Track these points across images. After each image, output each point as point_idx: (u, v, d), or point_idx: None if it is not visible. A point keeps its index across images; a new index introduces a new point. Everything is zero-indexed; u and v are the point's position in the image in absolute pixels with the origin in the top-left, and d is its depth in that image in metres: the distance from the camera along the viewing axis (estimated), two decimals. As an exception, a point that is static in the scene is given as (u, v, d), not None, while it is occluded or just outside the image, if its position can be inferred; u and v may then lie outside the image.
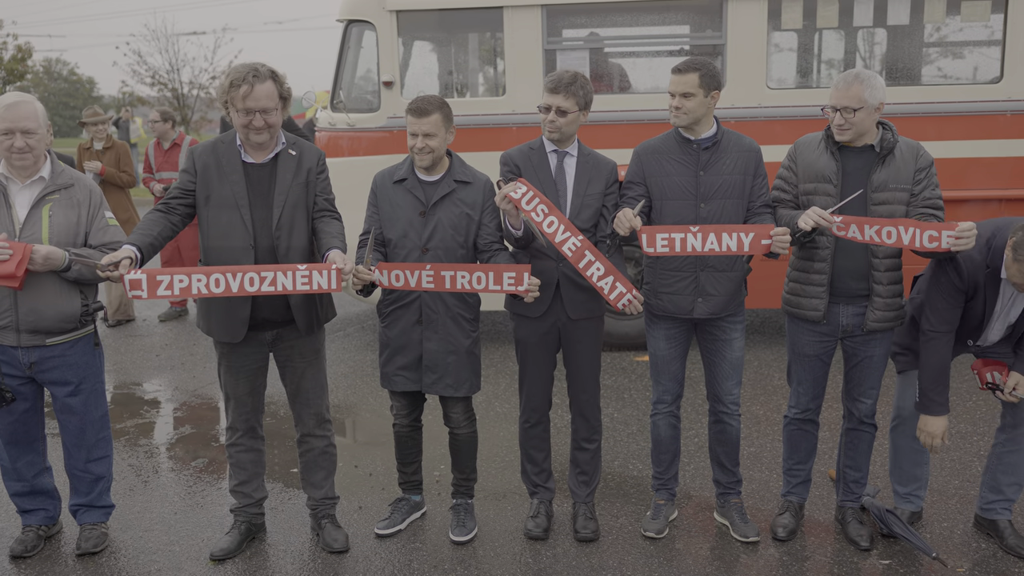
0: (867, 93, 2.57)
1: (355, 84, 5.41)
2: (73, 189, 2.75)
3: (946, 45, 5.48)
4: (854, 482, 2.95)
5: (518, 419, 3.06)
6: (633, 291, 2.68)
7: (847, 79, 2.61)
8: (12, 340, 2.70)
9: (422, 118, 2.70)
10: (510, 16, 4.97)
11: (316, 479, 2.98)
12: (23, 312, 2.67)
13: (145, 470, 3.66)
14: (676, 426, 3.01)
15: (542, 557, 2.85)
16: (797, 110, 4.86)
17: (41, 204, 2.70)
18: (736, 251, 2.64)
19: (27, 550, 2.86)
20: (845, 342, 2.83)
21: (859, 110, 2.58)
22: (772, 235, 2.60)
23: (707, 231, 2.62)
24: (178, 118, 6.06)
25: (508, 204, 2.64)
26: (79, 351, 2.81)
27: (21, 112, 2.62)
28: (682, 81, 2.68)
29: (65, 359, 2.78)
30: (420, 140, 2.71)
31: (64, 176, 2.77)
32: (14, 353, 2.73)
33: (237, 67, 2.62)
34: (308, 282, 2.53)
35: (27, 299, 2.66)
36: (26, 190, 2.71)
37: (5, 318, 2.68)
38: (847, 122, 2.60)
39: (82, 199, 2.76)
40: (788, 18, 4.95)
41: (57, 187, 2.73)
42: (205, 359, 5.32)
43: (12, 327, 2.69)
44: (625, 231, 2.60)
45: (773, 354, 5.16)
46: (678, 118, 2.73)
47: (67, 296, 2.72)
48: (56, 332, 2.73)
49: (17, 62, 24.52)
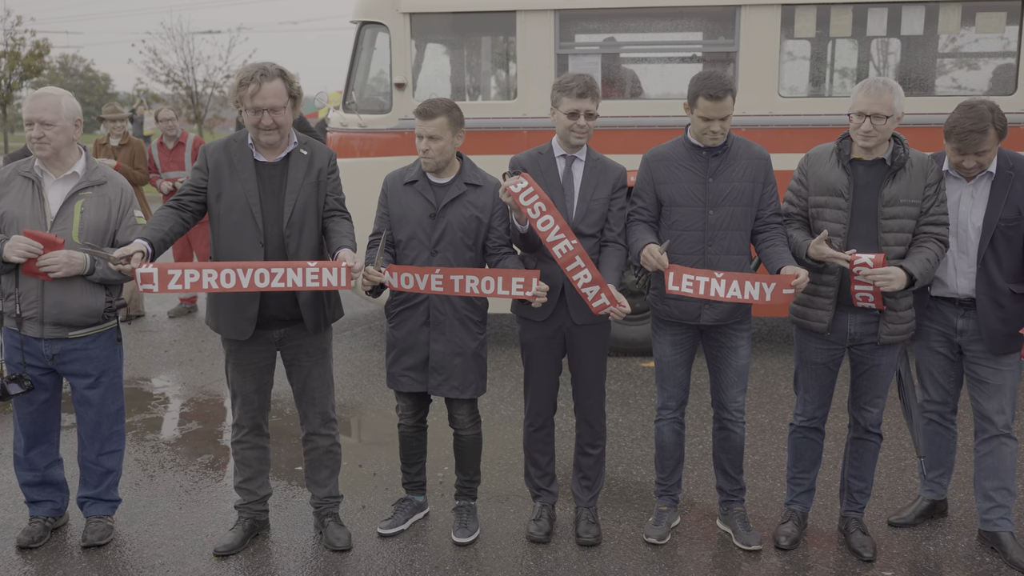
0: (896, 102, 2.58)
1: (367, 85, 5.45)
2: (106, 187, 2.80)
3: (960, 56, 5.45)
4: (858, 492, 2.94)
5: (523, 422, 3.06)
6: (617, 305, 2.68)
7: (878, 86, 2.58)
8: (36, 331, 2.75)
9: (428, 120, 2.71)
10: (523, 20, 4.99)
11: (320, 477, 3.00)
12: (48, 304, 2.72)
13: (151, 465, 3.68)
14: (680, 432, 3.01)
15: (544, 560, 2.85)
16: (809, 119, 4.84)
17: (74, 199, 2.74)
18: (758, 300, 2.64)
19: (33, 541, 2.89)
20: (853, 350, 2.82)
21: (888, 118, 2.58)
22: (794, 284, 2.59)
23: (731, 278, 2.64)
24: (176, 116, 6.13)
25: (508, 197, 2.65)
26: (100, 345, 2.85)
27: (41, 103, 2.69)
28: (723, 107, 2.65)
29: (87, 352, 2.82)
30: (424, 142, 2.73)
31: (98, 173, 2.81)
32: (37, 344, 2.77)
33: (246, 67, 2.65)
34: (318, 279, 2.55)
35: (53, 292, 2.71)
36: (59, 184, 2.76)
37: (31, 310, 2.73)
38: (875, 129, 2.58)
39: (113, 197, 2.80)
40: (801, 26, 4.94)
41: (91, 183, 2.78)
42: (213, 356, 5.36)
43: (37, 319, 2.73)
44: (652, 268, 2.64)
45: (780, 362, 5.14)
46: (715, 139, 2.72)
47: (92, 291, 2.77)
48: (79, 325, 2.78)
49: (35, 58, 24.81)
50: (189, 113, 24.50)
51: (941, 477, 3.05)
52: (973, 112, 2.60)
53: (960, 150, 2.63)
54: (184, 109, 24.24)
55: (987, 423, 2.83)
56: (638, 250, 2.71)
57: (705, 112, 2.67)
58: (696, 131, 2.74)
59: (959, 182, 2.75)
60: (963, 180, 2.74)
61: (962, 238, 2.73)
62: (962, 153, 2.63)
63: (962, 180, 2.75)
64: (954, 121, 2.65)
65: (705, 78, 2.69)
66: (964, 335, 2.79)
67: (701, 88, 2.66)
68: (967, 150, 2.61)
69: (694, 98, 2.69)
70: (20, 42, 24.54)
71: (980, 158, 2.64)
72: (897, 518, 3.05)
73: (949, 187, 2.75)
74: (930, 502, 3.07)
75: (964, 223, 2.73)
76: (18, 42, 24.52)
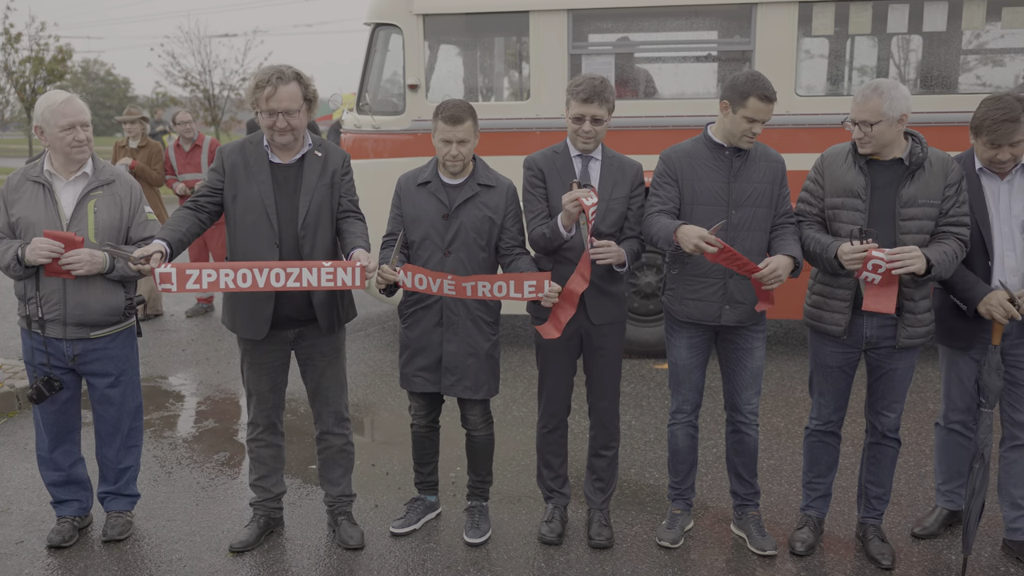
0: (886, 105, 2.52)
1: (381, 87, 5.47)
2: (115, 185, 2.83)
3: (985, 53, 5.35)
4: (876, 498, 2.90)
5: (535, 423, 3.05)
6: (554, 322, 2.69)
7: (865, 92, 2.57)
8: (58, 333, 2.79)
9: (457, 126, 2.70)
10: (536, 20, 4.98)
11: (334, 476, 3.01)
12: (71, 306, 2.75)
13: (169, 461, 3.73)
14: (694, 436, 2.99)
15: (555, 562, 2.85)
16: (826, 118, 4.79)
17: (86, 200, 2.78)
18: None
19: (64, 540, 2.93)
20: (869, 354, 2.78)
21: (877, 123, 2.54)
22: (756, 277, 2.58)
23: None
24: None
25: (576, 207, 2.60)
26: (120, 343, 2.89)
27: (78, 106, 2.74)
28: (771, 109, 2.63)
29: (107, 351, 2.86)
30: (455, 147, 2.72)
31: (106, 172, 2.85)
32: (59, 345, 2.81)
33: (263, 69, 2.67)
34: (333, 279, 2.56)
35: (75, 294, 2.75)
36: (70, 186, 2.79)
37: (53, 312, 2.76)
38: (866, 135, 2.57)
39: (123, 195, 2.84)
40: (819, 24, 4.88)
41: (100, 183, 2.81)
42: (229, 355, 5.41)
43: (59, 320, 2.77)
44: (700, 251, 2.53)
45: (796, 366, 5.08)
46: (751, 142, 2.69)
47: (112, 290, 2.81)
48: (101, 325, 2.82)
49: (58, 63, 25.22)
50: (206, 116, 24.77)
51: (960, 487, 2.98)
52: (1002, 103, 2.56)
53: (993, 142, 2.59)
54: (201, 112, 24.50)
55: (1018, 429, 2.76)
56: (672, 230, 2.60)
57: (754, 113, 2.62)
58: (735, 131, 2.67)
59: (994, 179, 2.69)
60: (997, 177, 2.69)
61: (1006, 235, 2.67)
62: (996, 146, 2.59)
63: (996, 177, 2.69)
64: (983, 115, 2.60)
65: (756, 78, 2.63)
66: (1007, 338, 2.72)
67: (754, 89, 2.61)
68: (1001, 141, 2.57)
69: (744, 97, 2.62)
70: (44, 47, 24.97)
71: (1014, 149, 2.58)
72: (920, 530, 2.99)
73: (985, 185, 2.69)
74: (949, 511, 3.02)
75: (1007, 218, 2.67)
76: (42, 47, 24.95)
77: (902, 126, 2.58)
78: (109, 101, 39.49)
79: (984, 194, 2.69)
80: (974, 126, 2.63)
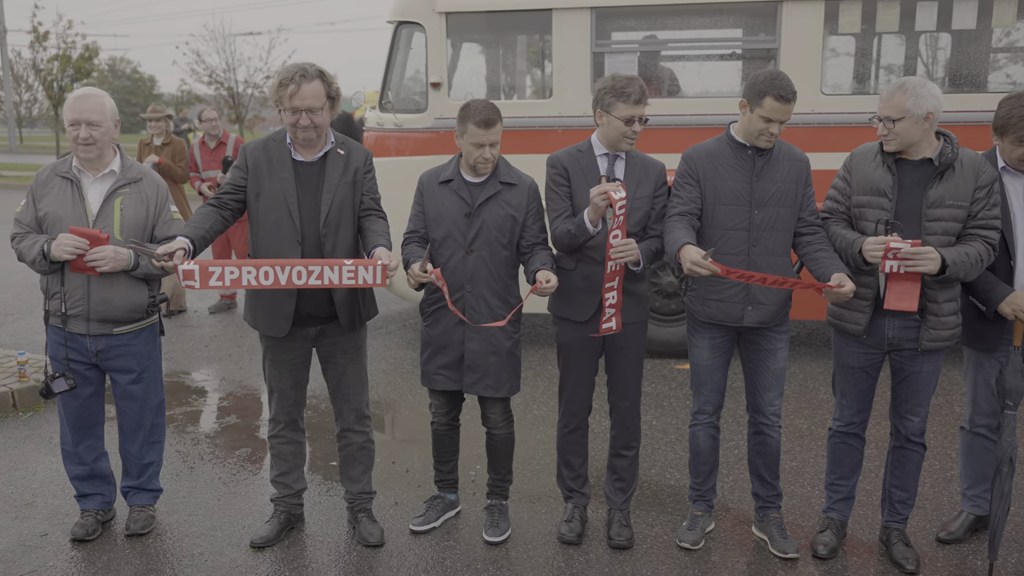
0: (910, 103, 2.48)
1: (403, 85, 5.48)
2: (142, 183, 2.86)
3: (1016, 51, 5.24)
4: (900, 502, 2.85)
5: (556, 423, 3.05)
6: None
7: (891, 88, 2.54)
8: (82, 328, 2.82)
9: (490, 129, 2.70)
10: (559, 18, 4.96)
11: (354, 473, 3.03)
12: (95, 302, 2.79)
13: (191, 456, 3.78)
14: (716, 437, 2.96)
15: (575, 562, 2.84)
16: (852, 117, 4.72)
17: (113, 197, 2.81)
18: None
19: (88, 534, 2.97)
20: (892, 356, 2.73)
21: (900, 120, 2.50)
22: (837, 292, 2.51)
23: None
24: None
25: (604, 201, 2.59)
26: (143, 340, 2.92)
27: (87, 104, 2.74)
28: (789, 109, 2.60)
29: (130, 348, 2.89)
30: (487, 151, 2.72)
31: (133, 170, 2.88)
32: (82, 341, 2.84)
33: (286, 67, 2.68)
34: (354, 277, 2.57)
35: (99, 290, 2.78)
36: (98, 183, 2.83)
37: (77, 307, 2.79)
38: (890, 132, 2.54)
39: (150, 193, 2.87)
40: (846, 22, 4.80)
41: (127, 181, 2.84)
42: (251, 352, 5.47)
43: (83, 316, 2.80)
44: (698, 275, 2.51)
45: (819, 367, 5.02)
46: (769, 141, 2.66)
47: (136, 287, 2.84)
48: (125, 321, 2.85)
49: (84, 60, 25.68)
50: (230, 113, 25.08)
51: (986, 492, 2.93)
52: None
53: (1021, 139, 2.56)
54: (225, 109, 24.80)
55: None
56: (676, 248, 2.62)
57: (770, 113, 2.59)
58: (752, 130, 2.66)
59: (1017, 177, 2.66)
60: (1021, 176, 2.66)
61: None
62: (1023, 143, 2.55)
63: (1019, 176, 2.66)
64: (1007, 113, 2.57)
65: (774, 78, 2.60)
66: None
67: (770, 88, 2.58)
68: None
69: (760, 97, 2.59)
70: (71, 45, 25.44)
71: None
72: (946, 534, 2.94)
73: (1008, 184, 2.65)
74: (976, 516, 2.96)
75: None
76: (69, 45, 25.42)
77: (929, 124, 2.52)
78: (135, 99, 40.11)
79: (1007, 193, 2.65)
80: (998, 126, 2.60)
